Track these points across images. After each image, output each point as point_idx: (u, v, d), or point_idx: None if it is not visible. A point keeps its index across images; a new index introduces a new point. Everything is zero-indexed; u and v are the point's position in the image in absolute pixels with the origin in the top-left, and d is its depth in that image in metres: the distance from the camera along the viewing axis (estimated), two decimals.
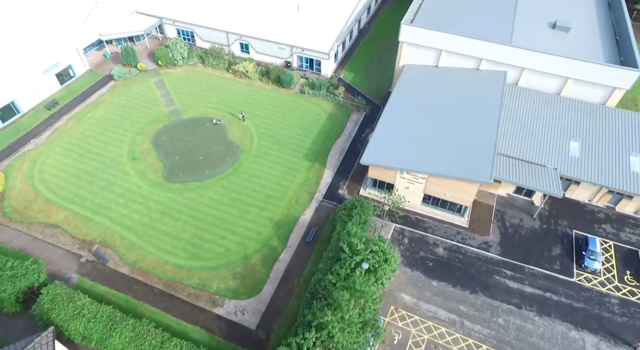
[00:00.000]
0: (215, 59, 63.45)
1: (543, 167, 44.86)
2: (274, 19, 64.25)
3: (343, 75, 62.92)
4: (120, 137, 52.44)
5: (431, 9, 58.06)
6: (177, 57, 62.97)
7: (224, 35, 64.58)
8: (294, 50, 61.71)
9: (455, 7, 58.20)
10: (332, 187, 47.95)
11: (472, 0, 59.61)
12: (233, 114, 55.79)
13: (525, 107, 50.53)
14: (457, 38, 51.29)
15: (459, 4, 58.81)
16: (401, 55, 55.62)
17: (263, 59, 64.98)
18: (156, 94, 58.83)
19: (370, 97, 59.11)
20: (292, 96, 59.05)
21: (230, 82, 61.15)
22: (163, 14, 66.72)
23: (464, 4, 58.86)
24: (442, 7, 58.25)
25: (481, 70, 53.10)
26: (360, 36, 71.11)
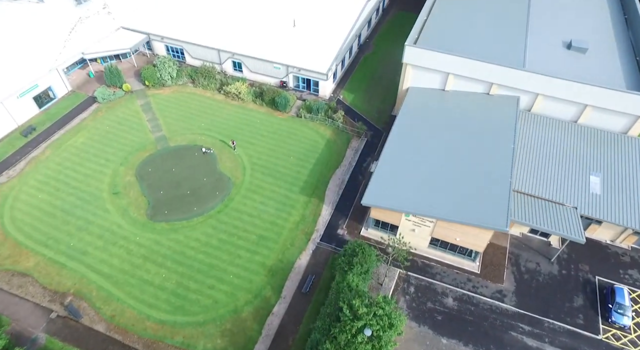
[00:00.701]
0: (206, 78, 58.90)
1: (561, 206, 40.53)
2: (269, 36, 59.70)
3: (342, 96, 58.46)
4: (101, 168, 47.94)
5: (436, 26, 53.56)
6: (166, 77, 58.43)
7: (215, 53, 60.04)
8: (289, 70, 57.22)
9: (463, 24, 53.74)
10: (331, 226, 43.59)
11: (481, 17, 55.17)
12: (224, 142, 51.28)
13: (540, 136, 46.16)
14: (466, 61, 46.84)
15: (466, 21, 54.34)
16: (405, 77, 51.18)
17: (257, 78, 60.49)
18: (142, 118, 54.31)
19: (371, 121, 54.65)
20: (288, 120, 54.60)
21: (222, 105, 56.64)
22: (151, 30, 62.10)
23: (471, 21, 54.42)
24: (448, 25, 53.76)
25: (492, 95, 48.70)
26: (360, 52, 66.60)
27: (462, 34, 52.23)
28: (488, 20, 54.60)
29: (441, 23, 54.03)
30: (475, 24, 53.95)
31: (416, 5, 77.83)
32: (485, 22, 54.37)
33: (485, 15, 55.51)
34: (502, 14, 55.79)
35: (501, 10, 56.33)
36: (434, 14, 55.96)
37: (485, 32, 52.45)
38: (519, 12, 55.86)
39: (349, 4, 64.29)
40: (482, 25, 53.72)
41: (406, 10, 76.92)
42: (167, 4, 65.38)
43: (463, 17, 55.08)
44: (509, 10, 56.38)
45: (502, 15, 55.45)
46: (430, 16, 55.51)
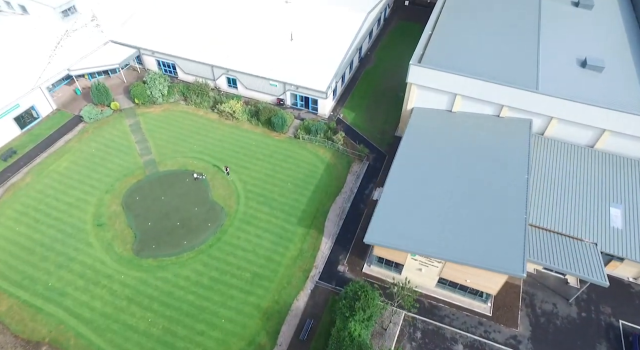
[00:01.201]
0: (198, 96, 55.45)
1: (580, 242, 37.26)
2: (265, 51, 56.21)
3: (343, 114, 55.05)
4: (85, 197, 44.53)
5: (442, 42, 50.03)
6: (156, 94, 54.97)
7: (208, 68, 56.60)
8: (287, 88, 53.80)
9: (470, 40, 50.23)
10: (331, 262, 40.23)
11: (489, 31, 51.69)
12: (217, 166, 47.89)
13: (554, 163, 42.82)
14: (475, 82, 43.44)
15: (473, 36, 50.84)
16: (409, 97, 47.78)
17: (253, 95, 57.06)
18: (131, 140, 50.86)
19: (373, 143, 51.26)
20: (285, 142, 51.19)
21: (215, 125, 53.21)
22: (141, 44, 58.57)
23: (479, 36, 50.90)
24: (454, 40, 50.25)
25: (502, 117, 45.34)
26: (361, 65, 63.16)
27: (470, 50, 48.76)
28: (497, 35, 51.14)
29: (447, 38, 50.55)
30: (484, 39, 50.46)
31: (417, 15, 74.89)
32: (494, 36, 50.89)
33: (494, 29, 52.09)
34: (511, 28, 52.34)
35: (510, 24, 52.90)
36: (439, 28, 52.46)
37: (494, 48, 48.99)
38: (529, 26, 52.44)
39: (349, 17, 60.81)
40: (491, 41, 50.24)
41: (408, 20, 73.47)
42: (158, 17, 61.88)
43: (470, 32, 51.60)
44: (519, 24, 52.95)
45: (511, 30, 52.00)
46: (435, 31, 52.01)
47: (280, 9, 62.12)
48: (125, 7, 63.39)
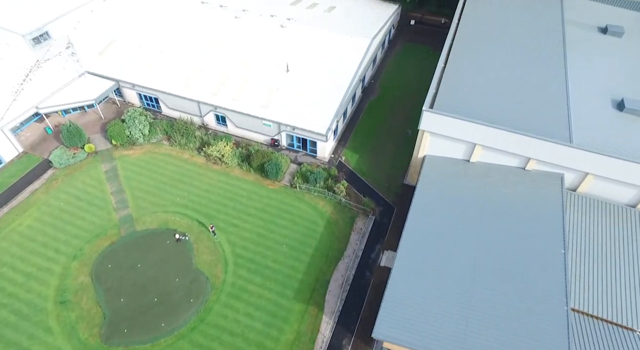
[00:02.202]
0: (183, 136, 49.01)
1: (631, 333, 31.14)
2: (258, 84, 49.69)
3: (344, 157, 48.66)
4: (49, 265, 38.11)
5: (457, 80, 43.59)
6: (136, 134, 48.48)
7: (195, 104, 50.13)
8: (282, 128, 47.43)
9: (488, 77, 43.78)
10: (333, 348, 34.04)
11: (509, 65, 45.22)
12: (202, 224, 41.55)
13: (592, 227, 36.51)
14: (497, 132, 37.14)
15: (492, 72, 44.38)
16: (421, 145, 41.47)
17: (244, 134, 50.58)
18: (106, 190, 44.37)
19: (379, 192, 44.95)
20: (280, 192, 44.78)
21: (202, 171, 46.73)
22: (120, 76, 52.00)
23: (499, 72, 44.43)
24: (471, 78, 43.80)
25: (529, 170, 39.10)
26: (364, 96, 56.72)
27: (489, 89, 42.34)
28: (518, 69, 44.61)
29: (462, 75, 44.04)
30: (504, 75, 43.95)
31: (424, 36, 68.23)
32: (516, 71, 44.37)
33: (515, 62, 45.55)
34: (534, 60, 45.80)
35: (532, 56, 46.36)
36: (452, 62, 45.90)
37: (517, 86, 42.51)
38: (553, 58, 45.94)
39: (351, 44, 54.23)
40: (512, 76, 43.69)
41: (414, 41, 66.91)
42: (140, 45, 55.10)
43: (488, 66, 45.13)
44: (542, 56, 46.43)
45: (534, 63, 45.47)
46: (448, 65, 45.54)
47: (275, 35, 55.56)
48: (104, 33, 56.76)
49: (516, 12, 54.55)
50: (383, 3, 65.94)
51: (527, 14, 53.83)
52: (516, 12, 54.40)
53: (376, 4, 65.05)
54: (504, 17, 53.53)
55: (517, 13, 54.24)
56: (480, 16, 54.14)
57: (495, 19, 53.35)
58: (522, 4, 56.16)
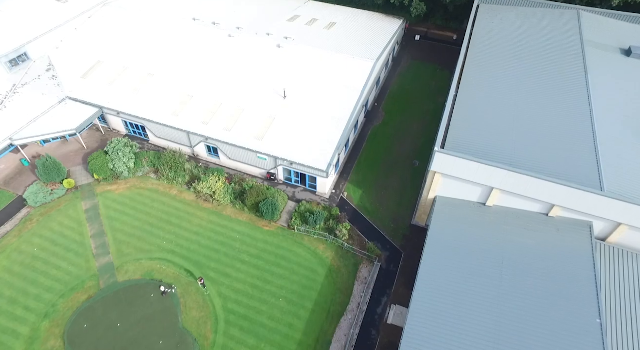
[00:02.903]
0: (172, 169, 44.79)
1: None
2: (252, 113, 45.38)
3: (347, 193, 44.45)
4: (15, 326, 33.75)
5: (471, 114, 39.10)
6: (120, 168, 44.22)
7: (184, 135, 45.93)
8: (278, 162, 43.24)
9: (505, 110, 39.49)
10: None
11: (527, 94, 40.96)
12: (190, 274, 37.38)
13: (626, 284, 32.54)
14: (517, 176, 32.94)
15: (509, 103, 40.14)
16: (432, 186, 37.32)
17: (238, 167, 46.34)
18: (85, 233, 40.10)
19: (385, 234, 40.77)
20: (277, 235, 40.55)
21: (191, 209, 42.51)
22: (104, 103, 47.67)
23: (516, 103, 40.23)
24: (485, 111, 39.45)
25: (553, 217, 34.96)
26: (368, 122, 52.45)
27: (507, 124, 38.06)
28: (538, 99, 40.38)
29: (477, 108, 39.76)
30: (522, 107, 39.67)
31: (431, 53, 63.85)
32: (535, 101, 40.11)
33: (534, 90, 41.25)
34: (554, 88, 41.45)
35: (552, 83, 42.03)
36: (464, 92, 41.62)
37: (538, 122, 38.16)
38: (575, 85, 41.52)
39: (354, 66, 49.78)
40: (532, 108, 39.40)
41: (420, 59, 62.59)
42: (126, 67, 50.74)
43: (504, 96, 40.89)
44: (563, 83, 42.06)
45: (554, 91, 41.11)
46: (460, 95, 41.24)
47: (271, 56, 51.20)
48: (88, 53, 52.39)
49: (531, 31, 50.35)
50: (386, 18, 61.64)
51: (542, 34, 49.60)
52: (531, 31, 50.20)
53: (379, 19, 60.73)
54: (518, 37, 49.30)
55: (532, 32, 50.04)
56: (492, 37, 49.93)
57: (509, 40, 49.11)
58: (536, 22, 51.96)
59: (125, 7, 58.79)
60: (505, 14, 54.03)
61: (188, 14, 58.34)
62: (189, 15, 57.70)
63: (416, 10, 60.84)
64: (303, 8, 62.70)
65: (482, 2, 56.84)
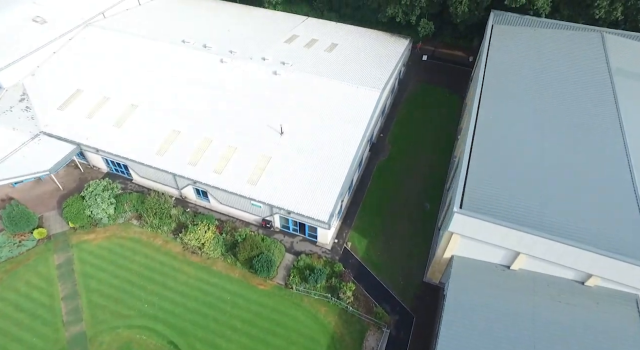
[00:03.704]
0: (156, 215, 39.94)
1: None
2: (245, 153, 40.49)
3: (350, 243, 39.59)
4: None
5: (492, 164, 33.77)
6: (99, 214, 39.38)
7: (170, 176, 41.07)
8: (274, 210, 38.41)
9: (531, 158, 34.31)
10: None
11: (554, 141, 35.88)
12: (175, 347, 32.56)
13: None
14: (549, 243, 28.16)
15: (535, 150, 35.11)
16: (448, 245, 32.51)
17: (230, 212, 41.52)
18: (56, 294, 35.18)
19: (395, 294, 35.89)
20: (273, 296, 35.62)
21: (178, 263, 37.62)
22: (82, 139, 42.72)
23: (542, 147, 35.32)
24: (509, 160, 34.25)
25: (589, 286, 30.22)
26: (372, 156, 47.50)
27: (534, 175, 32.93)
28: (568, 148, 35.05)
29: (498, 155, 34.71)
30: (551, 155, 34.59)
31: (439, 74, 58.55)
32: (565, 150, 34.88)
33: (562, 137, 36.07)
34: (584, 133, 36.20)
35: (582, 126, 36.83)
36: (483, 135, 36.37)
37: (569, 172, 33.18)
38: (609, 129, 36.29)
39: (358, 96, 44.76)
40: (561, 157, 34.41)
41: (428, 82, 57.48)
42: (108, 98, 45.59)
43: (529, 141, 35.77)
44: (594, 126, 36.67)
45: (586, 138, 35.76)
46: (478, 140, 36.18)
47: (266, 84, 46.24)
48: (66, 81, 47.41)
49: (552, 56, 45.37)
50: (391, 37, 56.59)
51: (565, 61, 44.62)
52: (552, 57, 45.21)
53: (384, 39, 55.68)
54: (539, 65, 44.31)
55: (554, 58, 45.04)
56: (509, 63, 44.87)
57: (529, 67, 44.09)
58: (557, 46, 46.93)
59: (109, 28, 53.74)
60: (522, 36, 49.04)
61: (177, 35, 53.30)
62: (178, 37, 52.65)
63: (424, 30, 55.96)
64: (302, 26, 57.63)
65: (496, 23, 51.88)
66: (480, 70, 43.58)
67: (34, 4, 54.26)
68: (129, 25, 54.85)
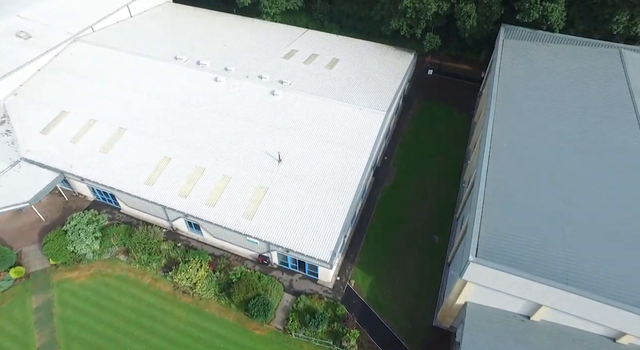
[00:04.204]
0: (145, 250, 36.82)
1: None
2: (241, 182, 37.42)
3: (354, 281, 36.39)
4: None
5: (510, 204, 30.54)
6: (83, 250, 36.32)
7: (160, 208, 37.99)
8: (272, 247, 35.35)
9: (554, 197, 31.10)
10: None
11: (578, 175, 32.87)
12: None
13: None
14: (577, 298, 25.14)
15: (557, 188, 32.00)
16: (461, 292, 29.52)
17: (224, 246, 38.48)
18: (31, 343, 31.81)
19: (401, 338, 32.69)
20: (269, 342, 32.46)
21: (168, 305, 34.43)
22: (65, 167, 39.55)
23: (564, 184, 32.24)
24: (529, 198, 31.23)
25: (623, 344, 27.11)
26: (376, 182, 44.31)
27: (557, 214, 29.90)
28: (593, 180, 32.12)
29: (517, 193, 31.71)
30: (574, 190, 31.41)
31: (446, 91, 55.44)
32: (589, 183, 31.90)
33: (586, 169, 33.00)
34: (609, 164, 33.11)
35: (606, 157, 33.74)
36: (499, 171, 33.24)
37: (595, 209, 30.17)
38: (635, 159, 33.70)
39: (362, 119, 41.65)
40: (586, 192, 31.37)
41: (435, 99, 54.18)
42: (95, 121, 42.49)
43: (550, 175, 32.59)
44: (619, 155, 33.61)
45: (610, 169, 32.75)
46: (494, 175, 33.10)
47: (263, 106, 43.05)
48: (50, 102, 44.26)
49: (568, 75, 42.32)
50: (395, 51, 53.46)
51: (582, 81, 41.56)
52: (568, 76, 42.16)
53: (388, 53, 52.58)
54: (554, 84, 41.25)
55: (570, 77, 42.00)
56: (522, 82, 41.86)
57: (544, 87, 41.03)
58: (573, 64, 43.84)
59: (98, 43, 50.56)
60: (535, 53, 45.96)
61: (170, 50, 50.15)
62: (170, 52, 49.50)
63: (430, 44, 52.84)
64: (301, 40, 54.45)
65: (507, 37, 48.74)
66: (493, 91, 40.48)
67: (19, 17, 51.21)
68: (119, 40, 51.67)
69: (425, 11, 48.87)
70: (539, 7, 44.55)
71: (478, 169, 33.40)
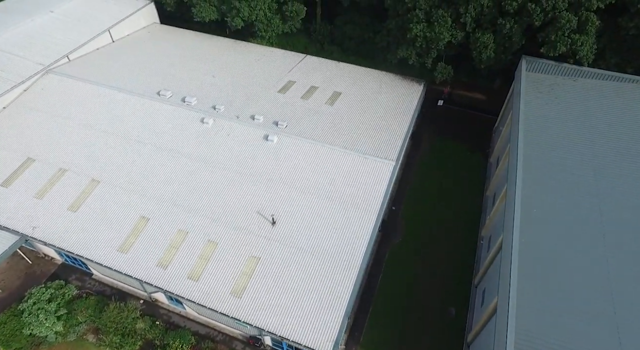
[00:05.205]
0: (118, 331, 31.38)
1: None
2: (229, 251, 31.98)
3: None
4: None
5: (548, 292, 25.34)
6: (44, 331, 30.92)
7: (136, 281, 32.63)
8: (264, 332, 30.01)
9: (598, 280, 26.13)
10: None
11: (625, 249, 27.82)
12: None
13: None
14: None
15: (601, 265, 26.81)
16: None
17: (209, 322, 33.15)
18: None
19: None
20: None
21: None
22: (27, 229, 34.02)
23: (609, 262, 27.01)
24: (568, 284, 25.80)
25: None
26: (383, 238, 38.80)
27: (602, 301, 24.86)
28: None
29: (554, 277, 26.34)
30: (622, 271, 26.53)
31: (458, 125, 49.87)
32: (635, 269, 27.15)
33: (634, 242, 28.23)
34: None
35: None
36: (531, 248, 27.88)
37: None
38: None
39: (368, 170, 36.40)
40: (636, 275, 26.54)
41: (445, 134, 48.47)
42: (64, 171, 36.98)
43: (591, 251, 27.41)
44: None
45: None
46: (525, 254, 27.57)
47: (256, 154, 37.60)
48: (14, 147, 38.51)
49: (601, 117, 36.94)
50: (402, 80, 47.97)
51: (620, 121, 36.24)
52: (601, 119, 36.77)
53: (394, 84, 47.12)
54: (588, 130, 35.83)
55: (604, 120, 36.63)
56: (549, 126, 36.38)
57: (576, 133, 35.54)
58: (605, 102, 38.44)
59: (72, 75, 44.97)
60: (561, 89, 40.47)
61: (153, 83, 44.68)
62: (153, 87, 44.04)
63: (441, 75, 47.38)
64: (299, 68, 48.88)
65: (528, 70, 43.25)
66: (515, 132, 35.03)
67: None
68: (97, 71, 46.03)
69: (437, 41, 43.44)
70: (567, 39, 39.13)
71: (505, 243, 28.10)
